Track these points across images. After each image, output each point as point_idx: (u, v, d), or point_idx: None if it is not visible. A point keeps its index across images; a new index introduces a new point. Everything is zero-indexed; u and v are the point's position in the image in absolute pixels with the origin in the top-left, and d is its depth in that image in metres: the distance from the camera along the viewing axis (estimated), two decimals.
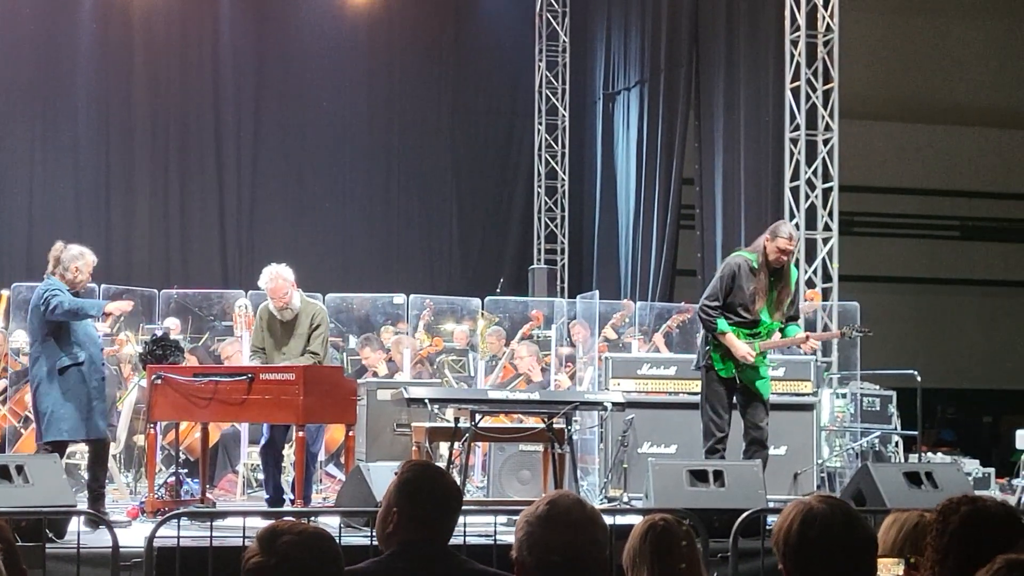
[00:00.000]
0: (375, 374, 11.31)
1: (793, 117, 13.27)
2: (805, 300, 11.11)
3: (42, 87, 16.40)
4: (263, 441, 9.00)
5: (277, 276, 8.85)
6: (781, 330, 8.50)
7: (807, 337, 8.70)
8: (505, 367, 11.63)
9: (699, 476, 7.86)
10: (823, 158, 13.21)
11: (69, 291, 8.21)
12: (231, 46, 17.00)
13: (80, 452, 10.36)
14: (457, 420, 8.05)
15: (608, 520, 6.07)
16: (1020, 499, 10.79)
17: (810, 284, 12.91)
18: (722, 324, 8.31)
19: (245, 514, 6.46)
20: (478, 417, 7.96)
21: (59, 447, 8.19)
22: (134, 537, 6.72)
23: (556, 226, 18.03)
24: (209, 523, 6.28)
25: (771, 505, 7.65)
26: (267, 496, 9.05)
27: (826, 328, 12.50)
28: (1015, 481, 11.57)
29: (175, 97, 16.86)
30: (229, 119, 17.02)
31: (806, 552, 2.95)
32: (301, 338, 8.86)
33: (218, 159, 16.98)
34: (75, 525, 6.60)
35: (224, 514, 7.19)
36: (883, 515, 3.68)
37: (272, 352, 8.89)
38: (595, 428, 10.24)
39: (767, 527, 6.71)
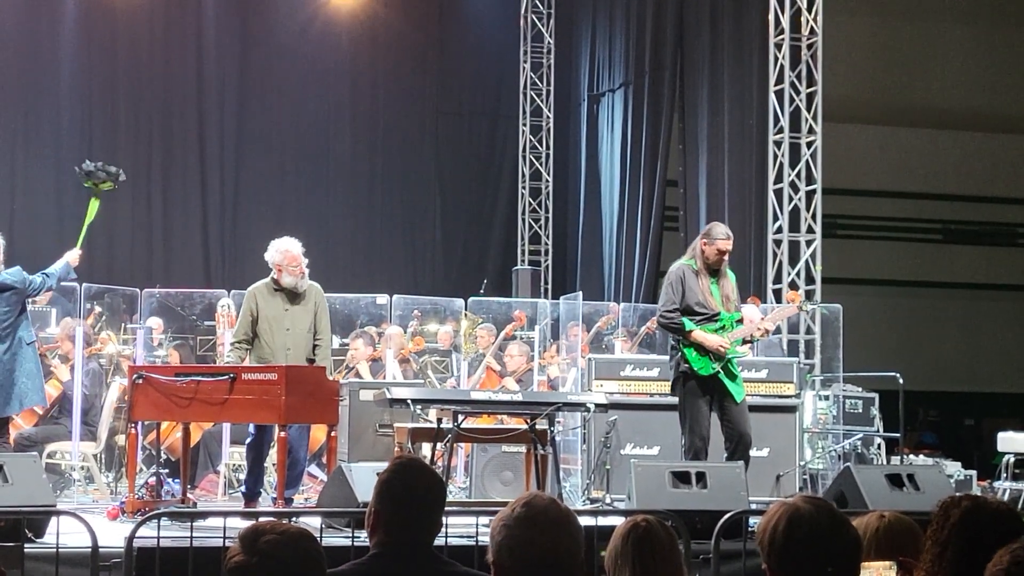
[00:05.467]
0: (357, 373, 11.29)
1: (777, 120, 13.29)
2: (787, 301, 11.14)
3: (24, 85, 16.32)
4: (249, 440, 8.97)
5: (293, 246, 8.85)
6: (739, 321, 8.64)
7: (762, 320, 9.05)
8: (488, 369, 11.62)
9: (682, 477, 7.86)
10: (806, 161, 13.23)
11: None
12: (215, 45, 16.95)
13: (61, 451, 10.34)
14: (439, 421, 8.03)
15: (590, 521, 6.09)
16: (1003, 501, 10.81)
17: (793, 286, 12.93)
18: (688, 323, 8.41)
19: (226, 514, 6.43)
20: (460, 418, 7.94)
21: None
22: (114, 537, 6.69)
23: (540, 227, 18.02)
24: (189, 523, 6.25)
25: (753, 507, 7.67)
26: (243, 491, 9.01)
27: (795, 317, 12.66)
28: (996, 483, 11.60)
29: (158, 96, 16.81)
30: (212, 118, 16.97)
31: (792, 553, 2.95)
32: (307, 314, 8.87)
33: (201, 159, 16.93)
34: (54, 525, 6.55)
35: (205, 514, 7.17)
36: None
37: (273, 327, 8.80)
38: (578, 429, 10.23)
39: (749, 528, 6.71)
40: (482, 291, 14.41)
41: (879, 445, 12.06)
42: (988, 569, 2.91)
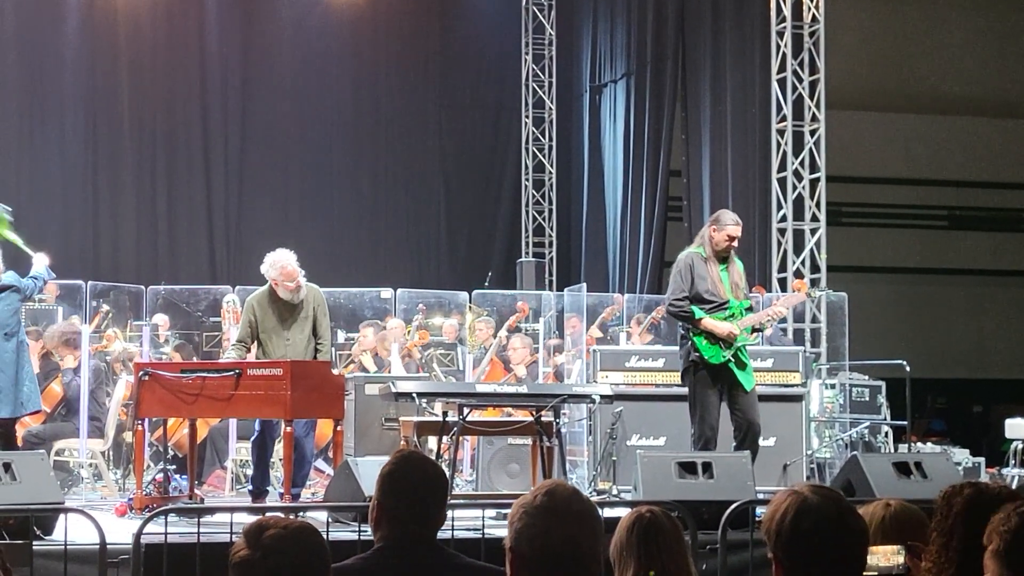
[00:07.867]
0: (362, 365, 11.30)
1: (780, 108, 13.28)
2: (793, 290, 11.12)
3: (28, 85, 16.34)
4: (253, 438, 8.98)
5: (287, 260, 8.83)
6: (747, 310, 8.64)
7: (772, 304, 9.05)
8: (492, 360, 11.62)
9: (688, 468, 7.84)
10: (810, 149, 13.22)
11: None
12: (217, 40, 16.96)
13: (69, 449, 10.35)
14: (445, 414, 8.03)
15: None
16: (1005, 486, 10.79)
17: (798, 275, 12.93)
18: (697, 312, 8.37)
19: (233, 510, 6.43)
20: (466, 411, 7.94)
21: None
22: (122, 534, 6.69)
23: (544, 219, 18.02)
24: (197, 519, 6.26)
25: (760, 497, 7.65)
26: (249, 488, 9.02)
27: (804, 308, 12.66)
28: (1005, 470, 11.58)
29: (162, 94, 16.82)
30: (216, 114, 16.98)
31: (799, 543, 2.94)
32: (306, 321, 8.83)
33: (205, 155, 16.95)
34: (63, 522, 6.56)
35: (212, 510, 7.17)
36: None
37: (272, 338, 8.81)
38: (584, 421, 10.23)
39: (756, 519, 6.70)
40: (487, 284, 14.41)
41: (886, 433, 12.06)
42: (994, 524, 2.89)
